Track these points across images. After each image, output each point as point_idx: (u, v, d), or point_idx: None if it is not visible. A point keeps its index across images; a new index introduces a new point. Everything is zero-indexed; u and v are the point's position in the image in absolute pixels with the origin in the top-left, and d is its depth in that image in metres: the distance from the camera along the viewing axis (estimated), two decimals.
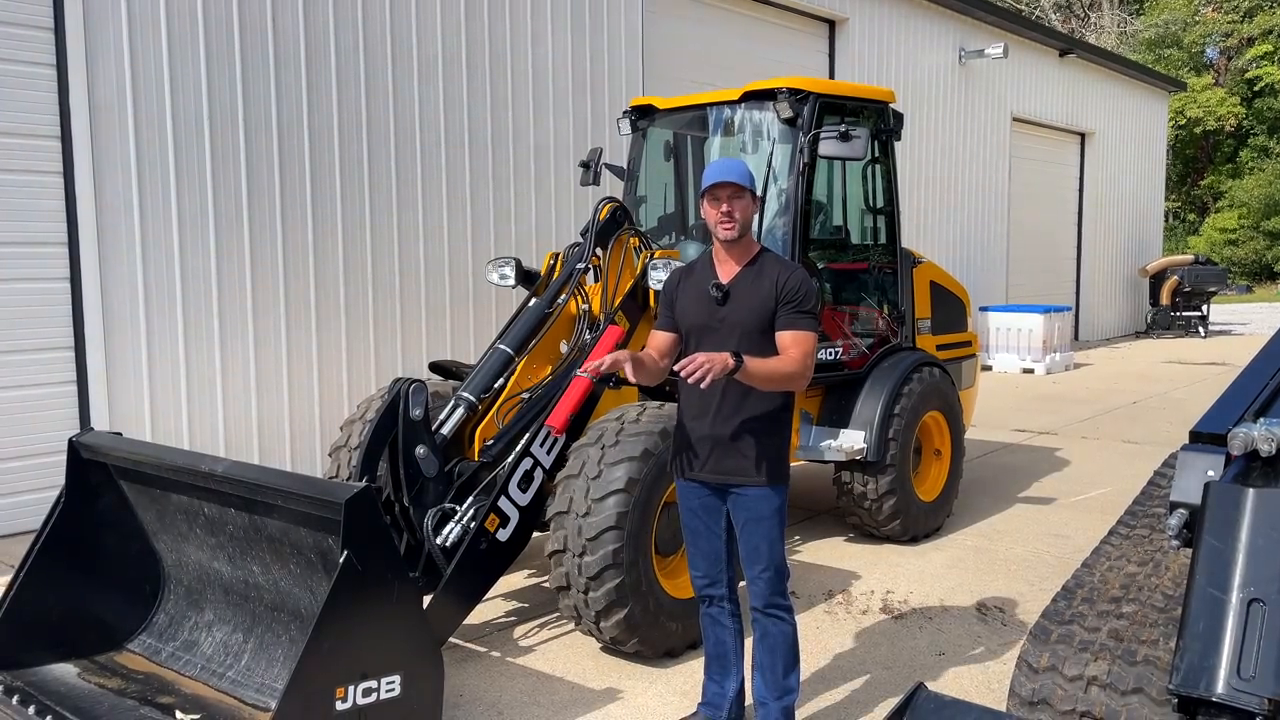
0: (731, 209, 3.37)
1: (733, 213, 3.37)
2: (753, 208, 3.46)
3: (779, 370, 3.28)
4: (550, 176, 8.88)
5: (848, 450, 5.71)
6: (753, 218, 3.49)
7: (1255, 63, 36.19)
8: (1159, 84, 21.71)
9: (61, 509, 3.95)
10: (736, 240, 3.42)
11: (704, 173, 3.50)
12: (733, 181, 3.35)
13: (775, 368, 3.28)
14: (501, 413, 4.71)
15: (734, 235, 3.40)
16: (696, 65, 10.43)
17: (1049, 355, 14.41)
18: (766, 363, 3.26)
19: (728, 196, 3.36)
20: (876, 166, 6.24)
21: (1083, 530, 6.34)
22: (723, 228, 3.40)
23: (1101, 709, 2.45)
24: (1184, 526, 2.22)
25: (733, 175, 3.37)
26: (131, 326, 6.44)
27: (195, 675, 3.78)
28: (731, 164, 3.44)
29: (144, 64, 6.40)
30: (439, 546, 4.14)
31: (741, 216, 3.40)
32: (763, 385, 3.28)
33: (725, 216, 3.38)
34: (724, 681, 3.66)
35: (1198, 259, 20.68)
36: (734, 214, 3.37)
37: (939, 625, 4.79)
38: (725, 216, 3.38)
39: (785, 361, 3.31)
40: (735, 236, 3.41)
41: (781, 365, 3.29)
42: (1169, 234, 31.57)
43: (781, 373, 3.28)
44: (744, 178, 3.39)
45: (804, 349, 3.33)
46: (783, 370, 3.29)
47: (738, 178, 3.37)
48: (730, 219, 3.38)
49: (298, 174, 7.18)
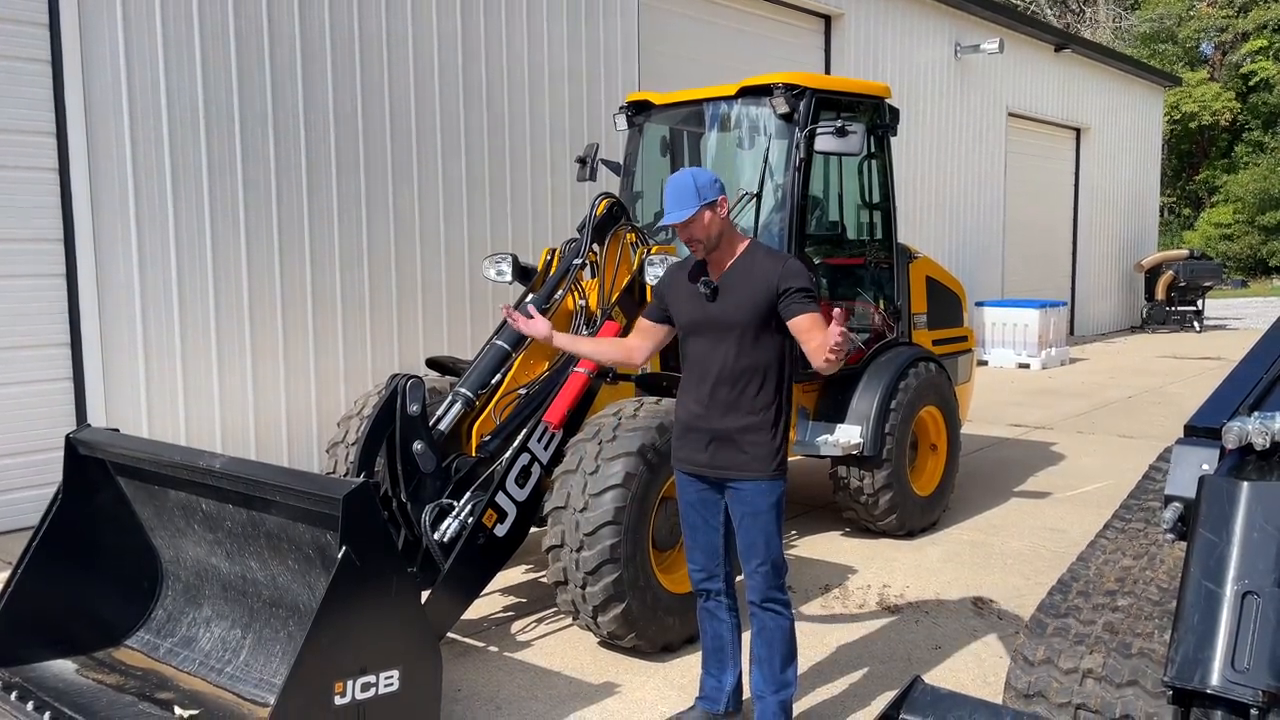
0: (689, 236, 3.39)
1: (692, 238, 3.40)
2: (716, 218, 3.39)
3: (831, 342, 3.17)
4: (546, 172, 8.88)
5: (844, 445, 5.72)
6: (724, 223, 3.43)
7: (1250, 57, 36.23)
8: (1154, 79, 21.74)
9: (59, 505, 3.95)
10: (712, 253, 3.45)
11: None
12: (675, 224, 3.34)
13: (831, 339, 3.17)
14: (499, 408, 4.71)
15: (703, 254, 3.45)
16: (692, 61, 10.42)
17: (1045, 350, 14.43)
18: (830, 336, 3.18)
19: (680, 230, 3.39)
20: (872, 162, 6.25)
21: (1078, 524, 6.36)
22: (691, 248, 3.45)
23: (1097, 701, 2.46)
24: (1179, 520, 2.23)
25: (677, 211, 3.32)
26: (127, 322, 6.43)
27: (193, 671, 3.78)
28: (677, 190, 3.36)
29: (139, 59, 6.39)
30: (437, 542, 4.14)
31: (704, 236, 3.39)
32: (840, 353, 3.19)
33: (689, 243, 3.42)
34: (721, 676, 3.67)
35: (1193, 254, 20.71)
36: (694, 238, 3.40)
37: (935, 619, 4.81)
38: (689, 243, 3.42)
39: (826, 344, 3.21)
40: (704, 255, 3.45)
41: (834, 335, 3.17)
42: (1164, 229, 31.59)
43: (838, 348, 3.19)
44: (689, 203, 3.32)
45: (821, 326, 3.33)
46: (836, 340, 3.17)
47: (680, 212, 3.32)
48: (694, 242, 3.41)
49: (294, 170, 7.17)
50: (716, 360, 3.43)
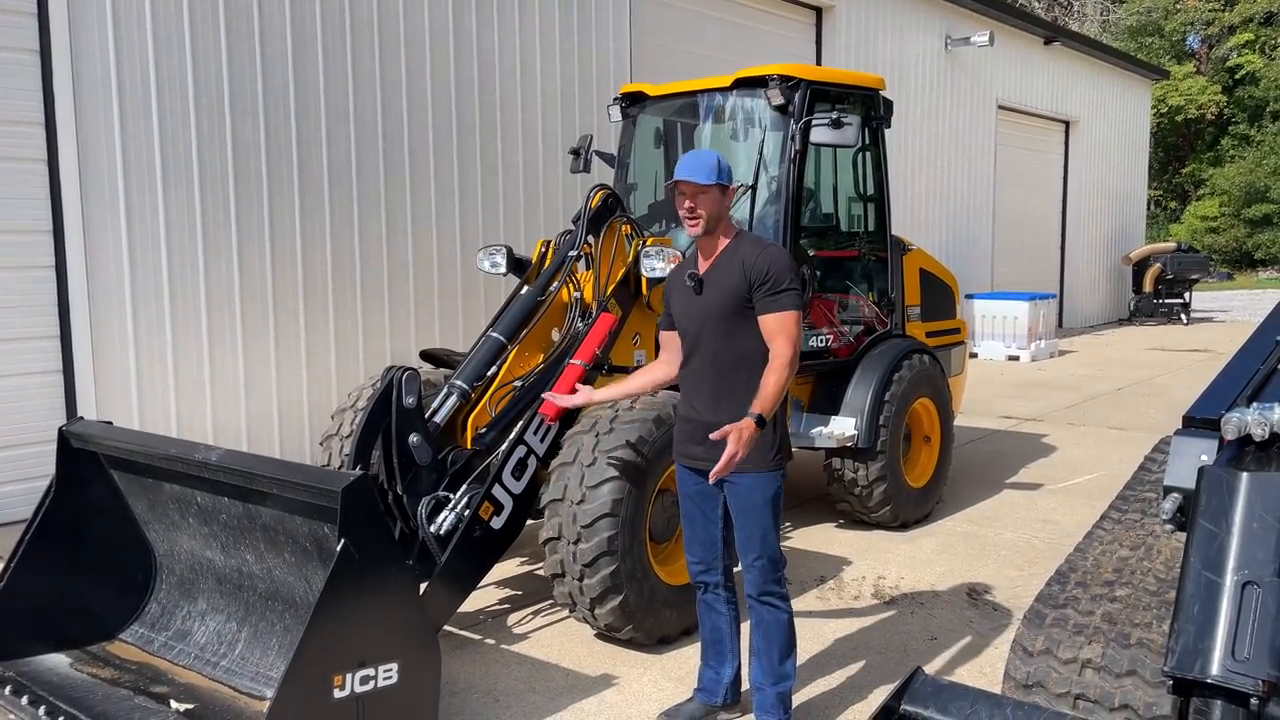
0: (695, 205, 3.37)
1: (695, 209, 3.37)
2: (722, 201, 3.43)
3: (776, 382, 3.26)
4: (540, 164, 8.85)
5: (838, 437, 5.73)
6: (725, 210, 3.46)
7: (1236, 51, 36.37)
8: (1142, 72, 21.80)
9: (52, 498, 3.92)
10: (704, 234, 3.43)
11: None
12: (690, 180, 3.34)
13: (773, 383, 3.25)
14: (494, 401, 4.71)
15: (699, 231, 3.42)
16: (684, 52, 10.40)
17: (1034, 342, 14.49)
18: (764, 389, 3.24)
19: (691, 193, 3.36)
20: (866, 154, 6.24)
21: (1071, 515, 6.39)
22: (688, 223, 3.42)
23: (1096, 691, 2.48)
24: (1177, 510, 2.25)
25: (695, 173, 3.34)
26: (118, 314, 6.38)
27: (189, 665, 3.77)
28: (700, 159, 3.40)
29: (129, 49, 6.33)
30: (433, 535, 4.14)
31: (706, 211, 3.39)
32: (779, 398, 3.27)
33: (688, 212, 3.39)
34: (720, 668, 3.68)
35: (1180, 247, 20.80)
36: (696, 210, 3.38)
37: (930, 610, 4.83)
38: (688, 212, 3.39)
39: (775, 368, 3.28)
40: (700, 232, 3.42)
41: (774, 376, 3.26)
42: (1151, 222, 31.71)
43: (780, 382, 3.26)
44: (709, 173, 3.35)
45: (787, 333, 3.32)
46: (778, 379, 3.26)
47: (700, 175, 3.34)
48: (693, 215, 3.38)
49: (285, 160, 7.12)
50: (708, 352, 3.44)
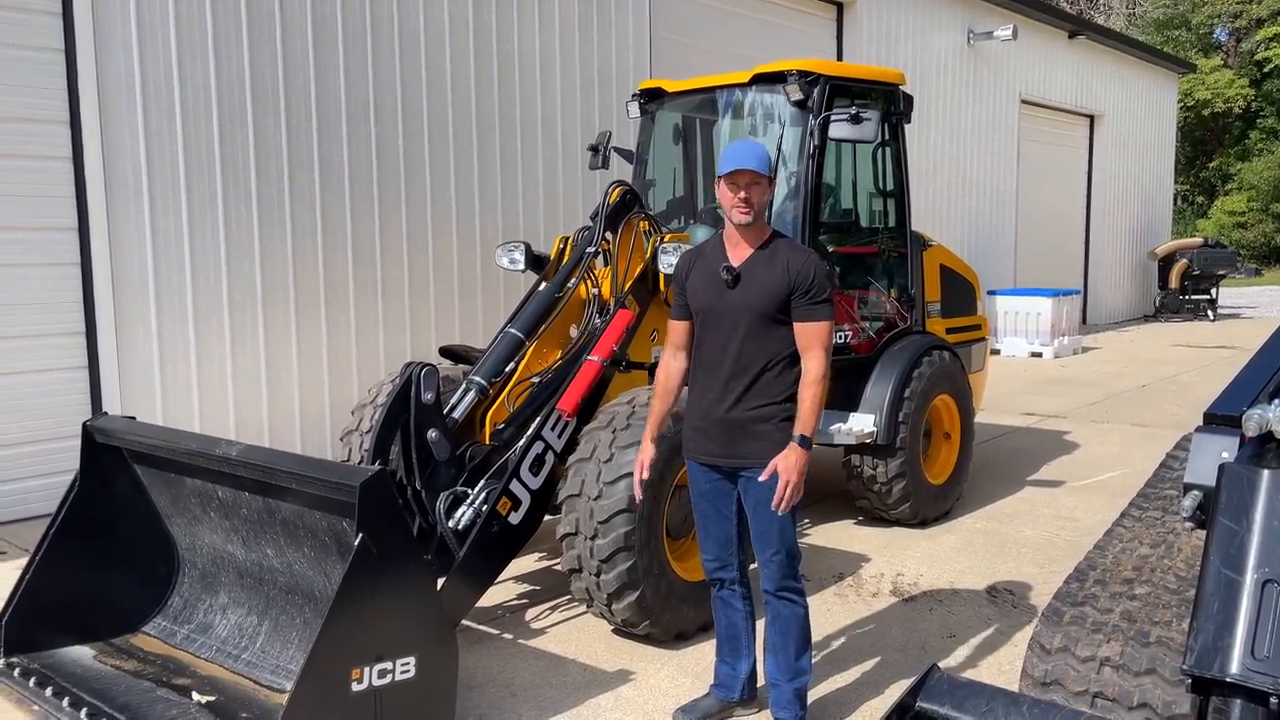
0: (749, 195, 3.38)
1: (749, 199, 3.38)
2: (769, 192, 3.48)
3: (814, 397, 3.32)
4: (559, 160, 8.87)
5: (858, 433, 5.71)
6: (768, 202, 3.51)
7: (1264, 44, 35.90)
8: (1168, 65, 21.57)
9: (76, 493, 3.98)
10: (750, 224, 3.43)
11: (722, 154, 3.50)
12: (752, 169, 3.36)
13: (811, 400, 3.31)
14: (512, 397, 4.72)
15: (748, 220, 3.41)
16: (703, 48, 10.38)
17: (1057, 339, 14.38)
18: (803, 407, 3.32)
19: (746, 183, 3.36)
20: (886, 149, 6.21)
21: (1093, 513, 6.34)
22: (738, 212, 3.40)
23: (1114, 690, 2.46)
24: (1198, 508, 2.23)
25: (752, 162, 3.37)
26: (142, 311, 6.46)
27: (210, 657, 3.81)
28: (751, 149, 3.44)
29: (152, 47, 6.39)
30: (451, 530, 4.15)
31: (758, 201, 3.41)
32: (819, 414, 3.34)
33: (742, 202, 3.38)
34: (736, 663, 3.68)
35: (1207, 242, 20.57)
36: (750, 199, 3.38)
37: (949, 608, 4.81)
38: (742, 202, 3.38)
39: (810, 383, 3.33)
40: (749, 221, 3.41)
41: (811, 392, 3.32)
42: (1178, 217, 31.41)
43: (817, 397, 3.32)
44: (763, 163, 3.40)
45: (823, 344, 3.36)
46: (815, 394, 3.32)
47: (757, 164, 3.37)
48: (747, 204, 3.38)
49: (306, 158, 7.17)
50: (732, 348, 3.42)
